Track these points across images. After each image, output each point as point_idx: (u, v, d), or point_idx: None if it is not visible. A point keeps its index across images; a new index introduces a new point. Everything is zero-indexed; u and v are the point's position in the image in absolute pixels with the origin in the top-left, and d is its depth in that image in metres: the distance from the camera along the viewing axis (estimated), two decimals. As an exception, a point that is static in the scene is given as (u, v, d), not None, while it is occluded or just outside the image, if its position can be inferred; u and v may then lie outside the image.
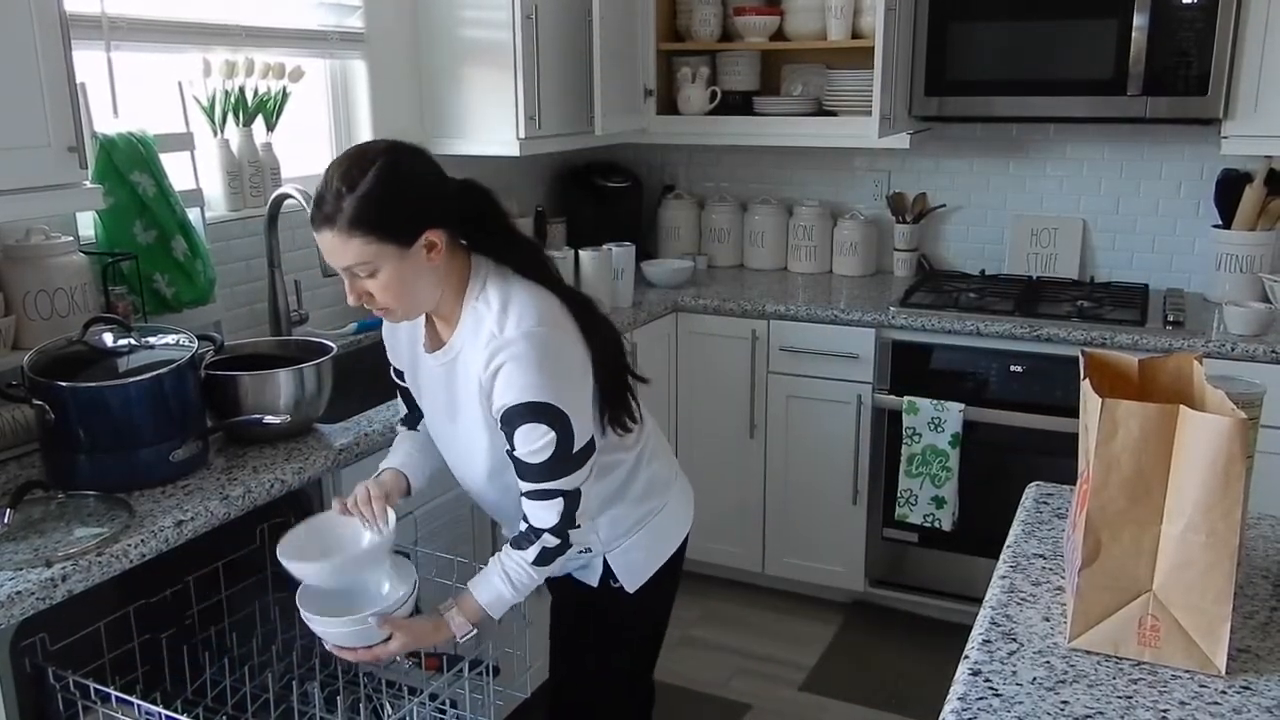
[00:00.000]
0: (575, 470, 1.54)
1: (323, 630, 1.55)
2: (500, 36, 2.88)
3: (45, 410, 1.67)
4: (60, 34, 1.69)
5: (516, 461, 1.55)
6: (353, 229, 1.44)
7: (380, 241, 1.45)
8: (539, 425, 1.50)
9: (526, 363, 1.49)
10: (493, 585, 1.60)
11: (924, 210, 3.48)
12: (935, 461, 2.95)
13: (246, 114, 2.50)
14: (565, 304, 1.60)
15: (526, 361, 1.49)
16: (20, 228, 1.97)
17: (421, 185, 1.50)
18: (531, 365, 1.49)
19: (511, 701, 1.88)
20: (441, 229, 1.50)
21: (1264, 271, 2.93)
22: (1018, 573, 1.42)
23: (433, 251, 1.50)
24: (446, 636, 1.60)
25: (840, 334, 3.05)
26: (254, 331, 2.54)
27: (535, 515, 1.57)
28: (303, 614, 1.55)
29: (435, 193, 1.52)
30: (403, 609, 1.57)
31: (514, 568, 1.59)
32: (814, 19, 3.32)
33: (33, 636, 1.51)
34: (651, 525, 1.76)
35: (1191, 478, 1.13)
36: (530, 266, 1.61)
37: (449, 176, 1.57)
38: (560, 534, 1.57)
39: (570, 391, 1.53)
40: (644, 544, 1.75)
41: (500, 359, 1.50)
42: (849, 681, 2.94)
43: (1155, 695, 1.14)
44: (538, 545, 1.57)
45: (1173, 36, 2.74)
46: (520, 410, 1.50)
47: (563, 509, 1.55)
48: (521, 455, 1.53)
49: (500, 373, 1.50)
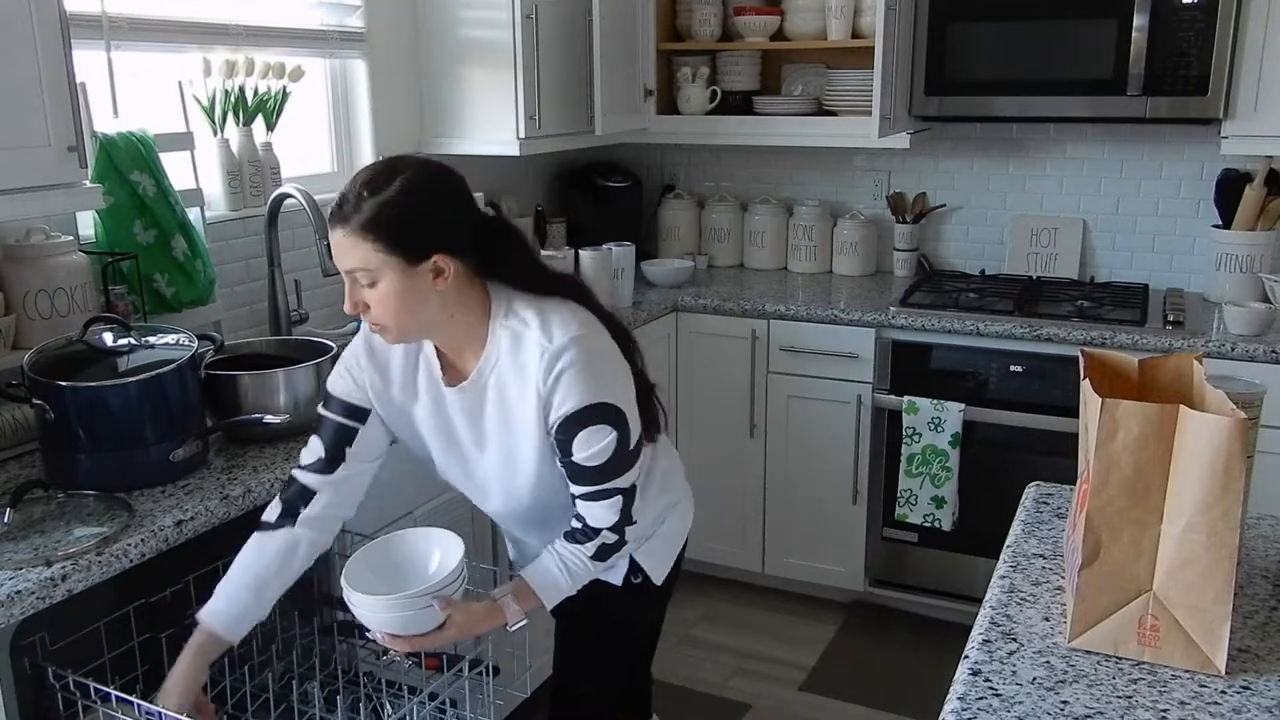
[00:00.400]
0: (632, 466, 1.57)
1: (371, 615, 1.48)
2: (500, 36, 2.88)
3: (45, 410, 1.67)
4: (60, 33, 1.68)
5: (574, 467, 1.54)
6: (364, 232, 1.43)
7: (388, 251, 1.43)
8: (601, 427, 1.51)
9: (584, 365, 1.50)
10: (550, 575, 1.59)
11: (924, 210, 3.48)
12: (935, 461, 2.95)
13: (246, 113, 2.50)
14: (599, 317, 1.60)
15: (584, 364, 1.50)
16: (20, 227, 1.97)
17: (443, 207, 1.48)
18: (589, 368, 1.50)
19: (511, 701, 1.88)
20: (454, 257, 1.48)
21: (1264, 271, 2.93)
22: (1018, 573, 1.42)
23: (439, 277, 1.47)
24: (499, 623, 1.58)
25: (840, 334, 3.05)
26: (254, 331, 2.54)
27: (594, 516, 1.58)
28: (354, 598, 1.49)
29: (456, 218, 1.50)
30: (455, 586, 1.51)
31: (572, 560, 1.59)
32: (814, 19, 3.32)
33: (33, 636, 1.51)
34: (669, 518, 1.79)
35: (1191, 478, 1.13)
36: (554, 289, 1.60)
37: (478, 208, 1.56)
38: (619, 530, 1.59)
39: (624, 389, 1.56)
40: (664, 536, 1.78)
41: (560, 365, 1.49)
42: (849, 681, 2.94)
43: (1155, 695, 1.14)
44: (596, 541, 1.58)
45: (1173, 36, 2.74)
46: (583, 414, 1.50)
47: (621, 506, 1.57)
48: (581, 460, 1.53)
49: (562, 380, 1.50)
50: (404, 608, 1.48)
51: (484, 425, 1.60)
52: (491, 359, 1.56)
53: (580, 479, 1.56)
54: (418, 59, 3.02)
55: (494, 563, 2.39)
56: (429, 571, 1.57)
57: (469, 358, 1.58)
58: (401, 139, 3.01)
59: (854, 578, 3.21)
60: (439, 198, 1.48)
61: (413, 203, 1.44)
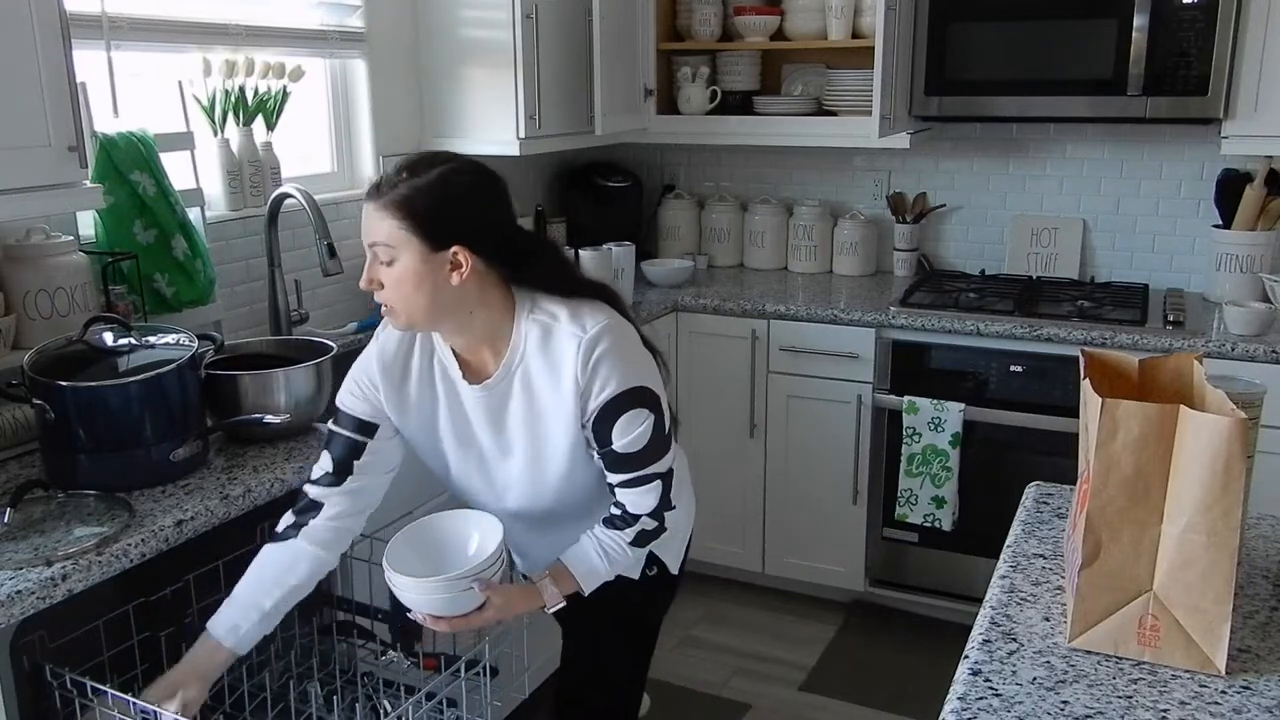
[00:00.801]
0: (667, 451, 1.59)
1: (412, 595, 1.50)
2: (500, 36, 2.88)
3: (45, 409, 1.67)
4: (60, 33, 1.69)
5: (612, 456, 1.55)
6: (392, 208, 1.46)
7: (410, 231, 1.46)
8: (640, 411, 1.53)
9: (620, 350, 1.53)
10: (590, 560, 1.59)
11: (924, 210, 3.48)
12: (935, 461, 2.95)
13: (247, 113, 2.50)
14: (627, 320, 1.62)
15: (620, 349, 1.53)
16: (20, 227, 1.97)
17: (474, 204, 1.51)
18: (624, 352, 1.53)
19: (510, 702, 1.88)
20: (475, 254, 1.49)
21: (1264, 271, 2.93)
22: (1018, 573, 1.42)
23: (456, 271, 1.48)
24: (537, 606, 1.60)
25: (840, 334, 3.05)
26: (254, 331, 2.54)
27: (634, 502, 1.59)
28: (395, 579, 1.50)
29: (485, 219, 1.53)
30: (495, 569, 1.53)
31: (611, 546, 1.59)
32: (814, 19, 3.32)
33: (32, 634, 1.51)
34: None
35: (1191, 478, 1.13)
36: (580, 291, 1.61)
37: (513, 218, 1.59)
38: (658, 516, 1.60)
39: (656, 375, 1.58)
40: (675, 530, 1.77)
41: (599, 350, 1.51)
42: (849, 681, 2.94)
43: (1155, 695, 1.14)
44: (636, 527, 1.60)
45: (1173, 36, 2.74)
46: (623, 399, 1.52)
47: (660, 491, 1.59)
48: (620, 448, 1.54)
49: (601, 365, 1.51)
50: (445, 590, 1.49)
51: (507, 423, 1.60)
52: (518, 354, 1.56)
53: (619, 467, 1.56)
54: (418, 59, 3.02)
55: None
56: (469, 553, 1.59)
57: (489, 356, 1.59)
58: (401, 139, 3.01)
59: (854, 578, 3.21)
60: (472, 194, 1.51)
61: (445, 192, 1.47)
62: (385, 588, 1.84)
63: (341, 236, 2.78)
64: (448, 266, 1.48)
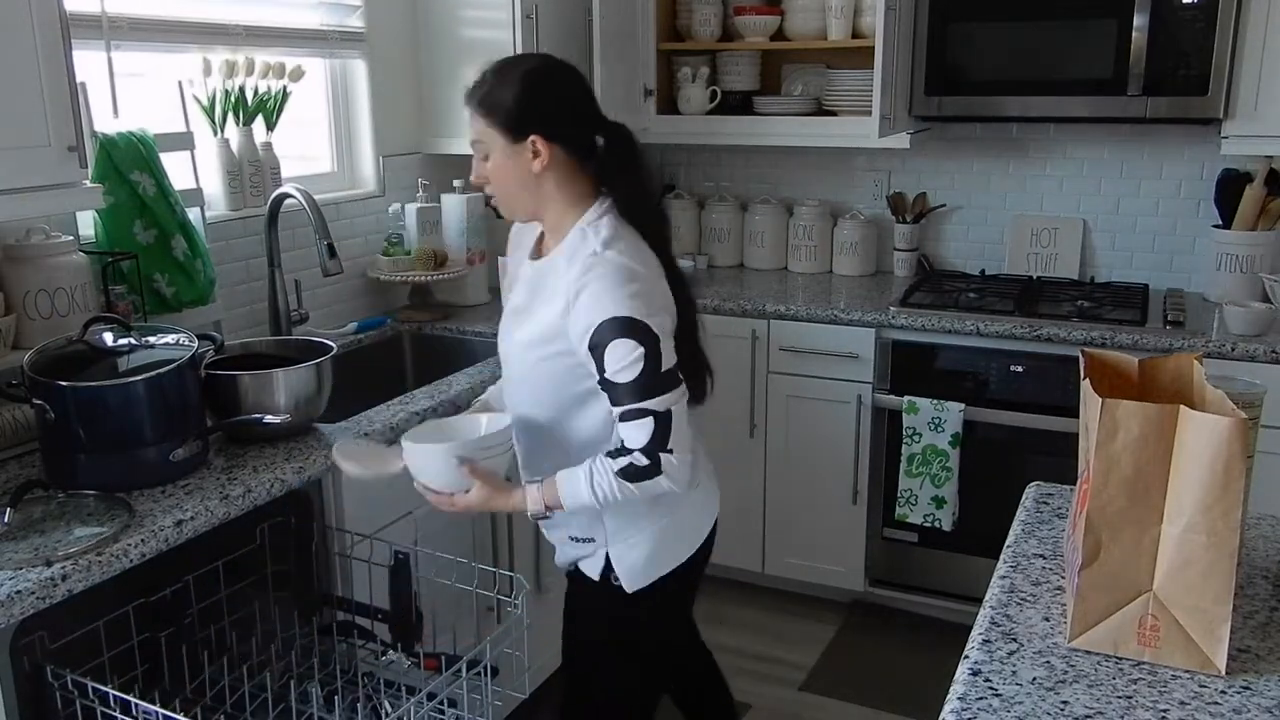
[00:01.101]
0: (664, 391, 1.59)
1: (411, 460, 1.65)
2: (500, 36, 2.88)
3: (45, 410, 1.67)
4: (60, 33, 1.69)
5: (607, 384, 1.60)
6: (481, 107, 1.65)
7: (493, 126, 1.63)
8: (629, 341, 1.56)
9: (615, 281, 1.57)
10: (576, 478, 1.63)
11: (924, 210, 3.48)
12: (935, 461, 2.95)
13: (246, 113, 2.50)
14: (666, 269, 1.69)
15: (616, 280, 1.57)
16: (20, 227, 1.97)
17: (550, 95, 1.65)
18: (620, 284, 1.57)
19: (510, 701, 1.88)
20: (552, 142, 1.63)
21: (1264, 271, 2.93)
22: (1018, 573, 1.42)
23: (537, 159, 1.63)
24: (516, 505, 1.68)
25: (840, 334, 3.05)
26: (254, 331, 2.54)
27: (627, 435, 1.61)
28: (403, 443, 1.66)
29: (561, 108, 1.67)
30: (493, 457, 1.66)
31: (600, 471, 1.62)
32: (814, 19, 3.32)
33: (32, 634, 1.51)
34: (657, 532, 1.74)
35: (1191, 477, 1.13)
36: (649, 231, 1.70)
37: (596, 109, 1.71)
38: (650, 455, 1.60)
39: (658, 318, 1.60)
40: (647, 548, 1.74)
41: (591, 275, 1.58)
42: (849, 681, 2.94)
43: (1155, 695, 1.14)
44: (627, 459, 1.60)
45: (1173, 36, 2.74)
46: (610, 325, 1.56)
47: (653, 429, 1.59)
48: (612, 375, 1.58)
49: (588, 288, 1.57)
50: (440, 459, 1.62)
51: (526, 301, 1.72)
52: (561, 249, 1.67)
53: (614, 396, 1.60)
54: (418, 59, 3.02)
55: (494, 563, 2.39)
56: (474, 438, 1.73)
57: (554, 244, 1.71)
58: (402, 139, 3.01)
59: (854, 578, 3.21)
60: (548, 85, 1.66)
61: (522, 85, 1.63)
62: (385, 588, 1.84)
63: (341, 236, 2.78)
64: (529, 154, 1.63)
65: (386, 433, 2.04)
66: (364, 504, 2.01)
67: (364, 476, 1.78)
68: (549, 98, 1.65)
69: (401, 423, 2.08)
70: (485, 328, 2.81)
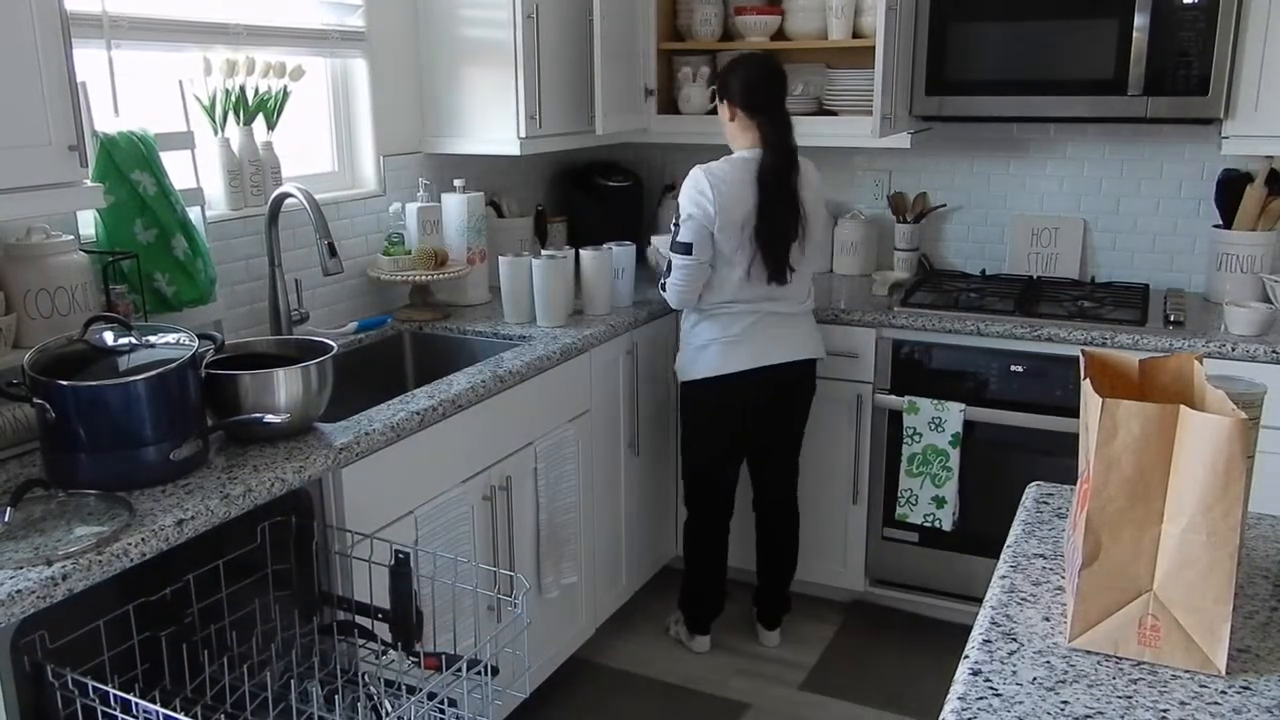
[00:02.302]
0: (677, 254, 2.67)
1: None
2: (501, 36, 2.88)
3: (46, 409, 1.67)
4: (61, 33, 1.68)
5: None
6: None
7: (718, 97, 2.76)
8: (678, 216, 2.69)
9: (691, 184, 2.67)
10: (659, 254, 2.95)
11: (924, 210, 3.48)
12: (936, 461, 2.95)
13: (247, 113, 2.50)
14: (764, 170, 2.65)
15: (691, 184, 2.67)
16: (21, 226, 1.97)
17: (735, 78, 2.68)
18: (689, 184, 2.67)
19: (510, 701, 1.88)
20: (731, 105, 2.70)
21: (1265, 271, 2.93)
22: (1018, 573, 1.42)
23: (726, 115, 2.73)
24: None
25: (840, 334, 3.05)
26: (254, 331, 2.54)
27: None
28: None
29: (736, 86, 2.67)
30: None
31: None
32: (814, 19, 3.32)
33: (32, 634, 1.51)
34: (690, 347, 2.81)
35: (1192, 478, 1.13)
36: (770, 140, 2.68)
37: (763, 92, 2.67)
38: (661, 277, 2.79)
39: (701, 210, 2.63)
40: (687, 353, 2.82)
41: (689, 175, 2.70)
42: (849, 681, 2.94)
43: (1155, 695, 1.14)
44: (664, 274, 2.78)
45: (1173, 36, 2.74)
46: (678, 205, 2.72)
47: (665, 268, 2.75)
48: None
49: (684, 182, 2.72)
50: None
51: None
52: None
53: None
54: (418, 58, 3.02)
55: (493, 563, 2.39)
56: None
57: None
58: (402, 138, 3.01)
59: (854, 578, 3.22)
60: (735, 70, 2.70)
61: (725, 70, 2.74)
62: (385, 587, 1.85)
63: (342, 236, 2.78)
64: (726, 112, 2.71)
65: (387, 433, 2.04)
66: (364, 503, 2.01)
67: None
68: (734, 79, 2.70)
69: (402, 423, 2.08)
70: (485, 327, 2.81)
